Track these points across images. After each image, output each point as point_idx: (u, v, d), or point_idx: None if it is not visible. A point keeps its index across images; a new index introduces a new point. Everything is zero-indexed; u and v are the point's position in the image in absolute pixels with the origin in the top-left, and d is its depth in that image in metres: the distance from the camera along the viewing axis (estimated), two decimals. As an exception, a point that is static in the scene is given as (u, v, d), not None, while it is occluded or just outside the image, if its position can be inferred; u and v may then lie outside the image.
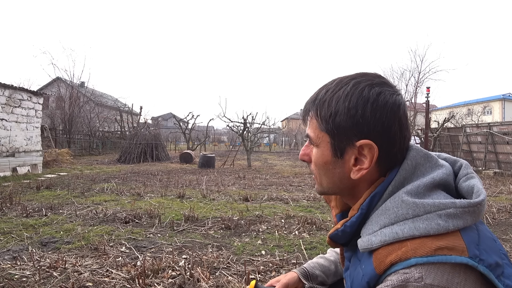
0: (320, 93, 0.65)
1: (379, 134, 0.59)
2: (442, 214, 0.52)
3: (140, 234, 3.27)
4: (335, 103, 0.61)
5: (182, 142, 30.54)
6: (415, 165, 0.60)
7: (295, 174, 9.44)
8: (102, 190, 5.95)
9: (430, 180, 0.58)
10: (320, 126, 0.64)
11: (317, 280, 0.96)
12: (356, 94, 0.60)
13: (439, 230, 0.51)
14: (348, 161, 0.63)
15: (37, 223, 3.61)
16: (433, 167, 0.61)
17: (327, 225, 3.65)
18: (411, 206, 0.54)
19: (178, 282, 2.11)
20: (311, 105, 0.66)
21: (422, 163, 0.61)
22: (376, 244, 0.55)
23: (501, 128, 10.34)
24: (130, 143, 14.10)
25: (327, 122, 0.62)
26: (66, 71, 24.86)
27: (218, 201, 5.09)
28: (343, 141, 0.62)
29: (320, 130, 0.64)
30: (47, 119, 18.93)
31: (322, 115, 0.63)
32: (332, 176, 0.66)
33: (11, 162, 8.46)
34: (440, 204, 0.53)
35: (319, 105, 0.64)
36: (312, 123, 0.66)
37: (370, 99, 0.59)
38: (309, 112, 0.67)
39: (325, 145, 0.64)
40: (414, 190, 0.57)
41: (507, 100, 31.26)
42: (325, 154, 0.65)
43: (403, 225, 0.54)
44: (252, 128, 14.38)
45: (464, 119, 19.97)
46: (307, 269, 0.98)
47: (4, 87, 8.42)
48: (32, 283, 2.12)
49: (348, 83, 0.62)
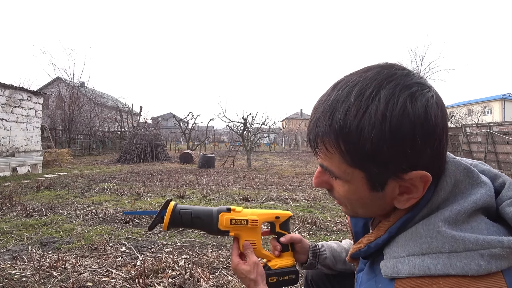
0: (336, 116, 0.49)
1: (430, 158, 0.49)
2: (485, 254, 0.45)
3: (140, 234, 3.26)
4: (368, 132, 0.46)
5: (182, 142, 30.55)
6: (454, 183, 0.52)
7: (295, 174, 9.43)
8: (102, 190, 5.95)
9: (472, 205, 0.49)
10: (347, 162, 0.51)
11: (325, 261, 0.96)
12: (396, 116, 0.46)
13: (479, 272, 0.44)
14: (391, 193, 0.52)
15: (37, 223, 3.60)
16: (474, 185, 0.52)
17: (327, 225, 3.65)
18: (448, 240, 0.47)
19: (178, 282, 2.11)
20: (326, 133, 0.50)
21: (462, 180, 0.52)
22: (403, 274, 0.48)
23: (501, 128, 10.35)
24: (130, 143, 14.10)
25: (360, 158, 0.49)
26: (66, 71, 24.98)
27: (218, 201, 5.09)
28: (385, 175, 0.50)
29: (348, 166, 0.51)
30: (47, 119, 18.93)
31: (350, 149, 0.49)
32: (371, 207, 0.57)
33: (11, 162, 8.46)
34: (484, 243, 0.45)
35: (341, 135, 0.48)
36: (333, 157, 0.52)
37: (418, 121, 0.46)
38: (322, 142, 0.52)
39: (358, 180, 0.52)
40: (452, 218, 0.49)
41: (507, 100, 31.29)
42: (360, 190, 0.54)
43: (436, 259, 0.46)
44: (252, 128, 14.38)
45: (464, 119, 20.00)
46: (318, 246, 0.97)
47: (4, 87, 8.42)
48: (32, 283, 2.12)
49: (375, 96, 0.47)
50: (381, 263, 0.53)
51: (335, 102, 0.50)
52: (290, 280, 0.88)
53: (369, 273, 0.59)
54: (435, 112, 0.48)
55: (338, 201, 0.61)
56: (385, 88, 0.47)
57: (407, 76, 0.49)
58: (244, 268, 0.83)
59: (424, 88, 0.49)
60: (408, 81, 0.48)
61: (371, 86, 0.48)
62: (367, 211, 0.59)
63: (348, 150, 0.49)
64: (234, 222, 0.84)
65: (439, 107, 0.49)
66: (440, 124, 0.48)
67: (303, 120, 49.07)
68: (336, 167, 0.53)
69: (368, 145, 0.47)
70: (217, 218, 0.84)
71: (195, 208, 0.86)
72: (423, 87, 0.49)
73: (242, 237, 0.86)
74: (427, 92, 0.48)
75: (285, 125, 46.55)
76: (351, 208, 0.59)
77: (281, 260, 0.89)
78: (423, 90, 0.48)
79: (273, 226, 0.92)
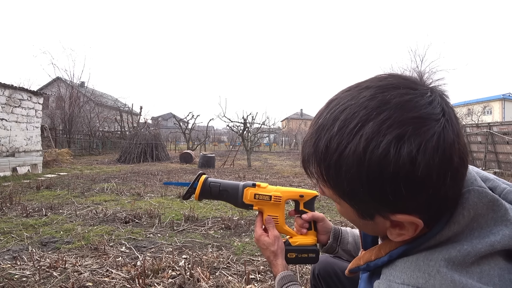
0: (320, 146, 0.45)
1: (421, 204, 0.43)
2: None
3: (140, 234, 3.26)
4: (345, 172, 0.43)
5: (182, 142, 30.55)
6: (473, 217, 0.44)
7: (295, 174, 9.43)
8: (102, 190, 5.95)
9: (488, 248, 0.43)
10: (333, 191, 0.49)
11: (346, 246, 0.94)
12: (375, 162, 0.40)
13: None
14: (382, 224, 0.49)
15: (37, 223, 3.60)
16: (498, 222, 0.44)
17: (327, 225, 3.66)
18: (446, 283, 0.41)
19: (178, 282, 2.11)
20: (311, 159, 0.48)
21: (484, 213, 0.45)
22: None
23: (501, 128, 10.34)
24: (130, 143, 14.10)
25: (340, 192, 0.47)
26: (66, 71, 24.95)
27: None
28: (371, 212, 0.48)
29: (334, 194, 0.50)
30: (47, 119, 18.95)
31: (331, 182, 0.47)
32: (366, 230, 0.56)
33: (11, 162, 8.46)
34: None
35: (324, 166, 0.46)
36: (320, 181, 0.50)
37: (401, 171, 0.39)
38: (308, 165, 0.50)
39: (347, 207, 0.50)
40: (458, 260, 0.43)
41: (507, 100, 31.29)
42: (350, 214, 0.52)
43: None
44: (252, 128, 14.37)
45: (464, 119, 20.00)
46: (341, 230, 0.96)
47: (4, 87, 8.42)
48: (32, 283, 2.12)
49: (358, 132, 0.41)
50: (375, 283, 0.51)
51: (321, 127, 0.46)
52: (310, 258, 0.89)
53: (368, 283, 0.59)
54: (428, 161, 0.39)
55: None
56: (372, 121, 0.41)
57: (404, 107, 0.41)
58: (266, 240, 0.87)
59: (425, 124, 0.40)
60: (403, 116, 0.40)
61: (358, 116, 0.42)
62: (365, 230, 0.59)
63: (329, 182, 0.47)
64: (258, 197, 0.88)
65: (440, 150, 0.40)
66: (438, 171, 0.40)
67: (303, 120, 49.09)
68: (326, 189, 0.52)
69: (345, 185, 0.44)
70: (242, 192, 0.89)
71: (223, 182, 0.91)
72: (422, 123, 0.40)
73: (265, 212, 0.90)
74: (426, 130, 0.40)
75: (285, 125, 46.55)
76: None
77: (302, 237, 0.91)
78: (421, 128, 0.40)
79: (297, 204, 0.94)
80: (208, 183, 0.90)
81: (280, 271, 0.84)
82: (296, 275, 2.27)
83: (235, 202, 0.90)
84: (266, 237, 0.87)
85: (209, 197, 0.91)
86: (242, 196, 0.89)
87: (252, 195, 0.88)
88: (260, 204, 0.89)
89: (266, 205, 0.90)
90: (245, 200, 0.89)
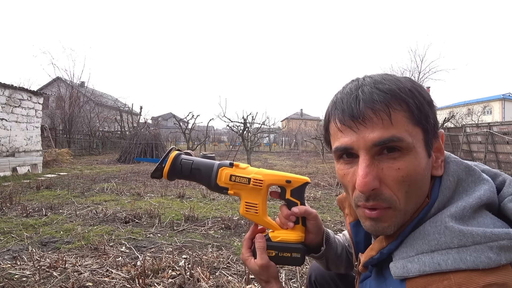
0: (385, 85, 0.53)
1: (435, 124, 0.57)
2: (494, 246, 0.45)
3: (140, 234, 3.26)
4: (417, 92, 0.54)
5: (182, 142, 30.55)
6: (457, 181, 0.54)
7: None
8: (102, 190, 5.95)
9: (477, 201, 0.51)
10: (413, 119, 0.52)
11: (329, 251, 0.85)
12: (419, 86, 0.56)
13: (490, 264, 0.44)
14: (433, 159, 0.56)
15: (37, 223, 3.61)
16: (477, 182, 0.54)
17: (327, 225, 3.65)
18: (456, 235, 0.47)
19: (178, 282, 2.11)
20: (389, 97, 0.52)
21: (464, 177, 0.54)
22: (414, 273, 0.48)
23: (501, 128, 10.34)
24: (130, 143, 14.10)
25: (420, 112, 0.53)
26: (66, 71, 25.01)
27: (218, 201, 5.09)
28: (433, 134, 0.55)
29: (414, 125, 0.52)
30: (47, 119, 18.95)
31: (414, 104, 0.52)
32: (424, 185, 0.54)
33: (11, 162, 8.46)
34: (492, 235, 0.46)
35: (404, 93, 0.52)
36: (399, 119, 0.51)
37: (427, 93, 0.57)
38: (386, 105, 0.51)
39: (420, 145, 0.53)
40: (459, 214, 0.49)
41: (507, 100, 31.29)
42: (422, 156, 0.53)
43: (446, 255, 0.47)
44: (252, 128, 14.38)
45: (464, 119, 20.00)
46: (329, 233, 0.86)
47: (4, 87, 8.42)
48: (32, 283, 2.12)
49: (399, 78, 0.57)
50: (390, 265, 0.53)
51: (368, 83, 0.55)
52: (293, 258, 0.75)
53: (378, 278, 0.58)
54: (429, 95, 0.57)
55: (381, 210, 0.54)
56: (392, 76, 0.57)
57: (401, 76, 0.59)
58: (253, 267, 0.76)
59: None
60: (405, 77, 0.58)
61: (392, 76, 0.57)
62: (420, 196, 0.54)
63: (414, 105, 0.53)
64: (235, 179, 0.75)
65: None
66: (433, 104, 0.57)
67: (303, 120, 49.08)
68: (404, 131, 0.51)
69: (422, 102, 0.53)
70: (216, 172, 0.76)
71: (196, 159, 0.79)
72: None
73: (242, 197, 0.76)
74: None
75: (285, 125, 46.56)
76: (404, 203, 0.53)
77: (287, 232, 0.76)
78: None
79: (283, 191, 0.78)
80: (179, 160, 0.77)
81: None
82: (295, 275, 2.27)
83: (208, 183, 0.77)
84: (253, 264, 0.75)
85: (179, 176, 0.78)
86: (216, 177, 0.76)
87: (227, 176, 0.75)
88: (237, 188, 0.76)
89: (243, 189, 0.76)
90: (219, 182, 0.75)
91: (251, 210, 0.76)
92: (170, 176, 0.78)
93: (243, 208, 0.77)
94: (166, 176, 0.77)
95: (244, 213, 0.77)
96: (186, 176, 0.78)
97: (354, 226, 0.71)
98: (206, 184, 0.78)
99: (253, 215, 0.77)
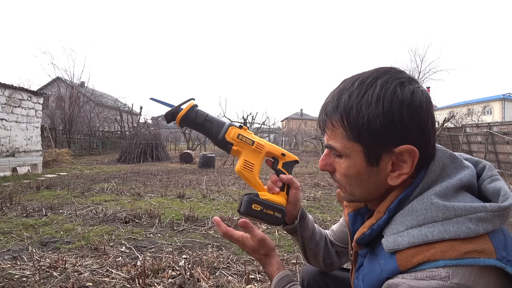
0: (342, 98, 0.59)
1: (417, 136, 0.57)
2: (473, 218, 0.52)
3: (140, 234, 3.26)
4: (366, 109, 0.56)
5: (182, 142, 30.55)
6: (442, 166, 0.59)
7: (295, 174, 9.43)
8: (102, 190, 5.95)
9: (458, 182, 0.57)
10: (348, 136, 0.60)
11: (304, 231, 0.92)
12: (388, 96, 0.56)
13: (469, 234, 0.51)
14: (384, 168, 0.60)
15: (37, 223, 3.61)
16: (459, 168, 0.60)
17: (327, 225, 3.65)
18: (441, 209, 0.54)
19: (178, 282, 2.11)
20: (333, 112, 0.61)
21: (448, 164, 0.60)
22: (404, 245, 0.54)
23: (501, 128, 10.35)
24: (130, 143, 14.10)
25: (358, 131, 0.58)
26: (66, 71, 24.96)
27: (218, 201, 5.09)
28: (379, 148, 0.58)
29: (349, 140, 0.60)
30: (47, 119, 18.95)
31: (351, 123, 0.58)
32: (367, 185, 0.63)
33: (11, 162, 8.46)
34: (471, 208, 0.52)
35: (346, 112, 0.58)
36: (337, 133, 0.61)
37: (405, 101, 0.56)
38: (329, 120, 0.62)
39: (357, 155, 0.60)
40: (442, 192, 0.56)
41: (507, 100, 31.29)
42: (358, 165, 0.61)
43: (432, 227, 0.53)
44: (252, 128, 14.38)
45: (464, 119, 20.00)
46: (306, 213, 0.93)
47: (4, 87, 8.42)
48: (32, 283, 2.12)
49: (373, 84, 0.58)
50: (382, 240, 0.59)
51: (342, 89, 0.61)
52: (274, 217, 0.83)
53: (370, 257, 0.64)
54: (420, 97, 0.57)
55: (338, 185, 0.68)
56: (381, 78, 0.58)
57: (400, 73, 0.60)
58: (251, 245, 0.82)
59: (413, 82, 0.59)
60: (400, 76, 0.59)
61: (371, 77, 0.59)
62: (363, 190, 0.64)
63: (349, 124, 0.58)
64: (241, 138, 0.84)
65: (424, 94, 0.58)
66: (425, 107, 0.57)
67: (303, 120, 49.09)
68: (338, 143, 0.61)
69: (364, 120, 0.57)
70: (227, 128, 0.84)
71: (211, 114, 0.87)
72: (412, 81, 0.59)
73: (242, 155, 0.85)
74: (415, 84, 0.59)
75: (285, 125, 46.53)
76: (349, 189, 0.65)
77: (273, 195, 0.86)
78: (412, 82, 0.59)
79: (276, 161, 0.88)
80: (195, 109, 0.84)
81: (276, 271, 0.81)
82: (296, 275, 2.27)
83: (216, 136, 0.84)
84: (250, 241, 0.82)
85: (191, 125, 0.85)
86: (226, 132, 0.84)
87: (236, 134, 0.84)
88: (240, 146, 0.84)
89: (246, 148, 0.85)
90: (227, 137, 0.83)
91: (248, 168, 0.85)
92: (183, 121, 0.84)
93: (241, 165, 0.85)
94: (179, 120, 0.84)
95: (240, 169, 0.85)
96: (197, 125, 0.85)
97: (352, 216, 0.77)
98: (214, 136, 0.85)
99: (248, 172, 0.85)
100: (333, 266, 0.98)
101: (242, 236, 0.84)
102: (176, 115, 0.84)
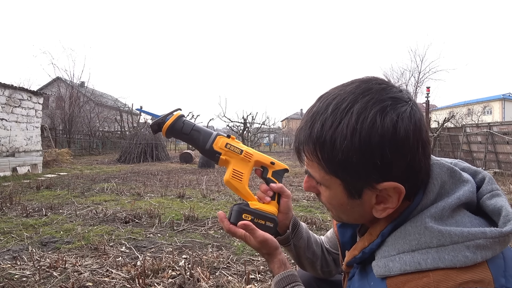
0: (315, 127, 0.53)
1: (403, 171, 0.51)
2: (471, 245, 0.47)
3: (140, 234, 3.27)
4: (340, 143, 0.50)
5: (182, 142, 30.52)
6: (440, 184, 0.54)
7: (295, 174, 9.43)
8: (102, 190, 5.95)
9: (456, 201, 0.52)
10: (324, 169, 0.55)
11: (299, 241, 0.88)
12: (366, 129, 0.49)
13: (466, 263, 0.46)
14: (368, 201, 0.55)
15: (37, 223, 3.61)
16: (457, 183, 0.55)
17: (327, 225, 3.65)
18: (435, 235, 0.49)
19: (178, 282, 2.11)
20: (306, 143, 0.55)
21: (447, 180, 0.55)
22: (395, 272, 0.50)
23: (501, 128, 10.35)
24: (130, 143, 14.10)
25: (334, 167, 0.53)
26: (66, 71, 24.95)
27: (218, 201, 5.09)
28: (359, 184, 0.53)
29: (326, 173, 0.55)
30: (47, 119, 18.94)
31: (325, 157, 0.53)
32: (352, 214, 0.59)
33: (11, 162, 8.47)
34: (469, 234, 0.48)
35: (318, 144, 0.52)
36: (313, 164, 0.56)
37: (386, 134, 0.49)
38: (303, 149, 0.57)
39: (336, 187, 0.56)
40: (438, 214, 0.51)
41: (507, 100, 31.28)
42: (339, 196, 0.57)
43: (426, 254, 0.49)
44: (252, 128, 14.39)
45: (464, 119, 19.98)
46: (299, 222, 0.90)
47: (4, 87, 8.42)
48: (32, 283, 2.12)
49: (349, 110, 0.50)
50: (372, 263, 0.55)
51: (316, 113, 0.54)
52: (266, 227, 0.81)
53: (361, 274, 0.61)
54: (406, 126, 0.49)
55: (325, 206, 0.64)
56: (359, 102, 0.50)
57: (382, 91, 0.52)
58: (253, 244, 0.79)
59: (399, 102, 0.51)
60: (382, 96, 0.51)
61: (347, 100, 0.51)
62: (350, 218, 0.61)
63: (323, 158, 0.53)
64: (229, 147, 0.83)
65: (412, 120, 0.50)
66: (412, 137, 0.50)
67: (303, 120, 48.92)
68: (316, 173, 0.57)
69: (339, 155, 0.51)
70: (214, 137, 0.83)
71: (198, 124, 0.86)
72: (397, 102, 0.51)
73: (231, 165, 0.83)
74: (401, 106, 0.50)
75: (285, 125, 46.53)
76: (336, 213, 0.62)
77: (263, 205, 0.84)
78: (397, 104, 0.50)
79: (265, 170, 0.86)
80: (182, 120, 0.83)
81: (277, 270, 0.78)
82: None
83: (204, 145, 0.83)
84: (253, 241, 0.79)
85: (178, 135, 0.83)
86: (213, 141, 0.82)
87: (223, 143, 0.83)
88: (229, 155, 0.83)
89: (235, 157, 0.83)
90: (214, 146, 0.82)
91: (237, 177, 0.83)
92: (169, 132, 0.83)
93: (230, 174, 0.83)
94: (165, 130, 0.83)
95: (229, 179, 0.82)
96: (184, 135, 0.84)
97: (340, 227, 0.75)
98: (202, 146, 0.83)
99: (237, 182, 0.83)
100: (331, 274, 0.96)
101: (245, 234, 0.81)
102: (162, 125, 0.82)
